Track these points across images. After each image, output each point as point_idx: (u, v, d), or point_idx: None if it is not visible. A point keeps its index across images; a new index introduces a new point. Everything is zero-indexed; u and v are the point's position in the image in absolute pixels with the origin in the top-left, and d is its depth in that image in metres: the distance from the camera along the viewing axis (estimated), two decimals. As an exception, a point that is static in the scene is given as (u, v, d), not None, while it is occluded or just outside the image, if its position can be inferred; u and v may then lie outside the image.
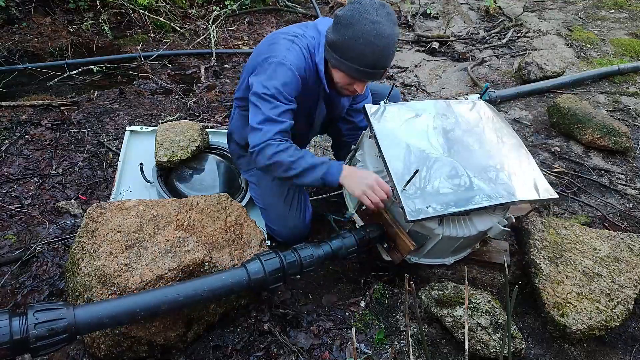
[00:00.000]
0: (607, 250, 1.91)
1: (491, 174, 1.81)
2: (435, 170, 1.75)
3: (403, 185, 1.64)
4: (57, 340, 1.22)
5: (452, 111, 2.02)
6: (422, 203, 1.62)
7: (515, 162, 1.90)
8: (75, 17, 4.28)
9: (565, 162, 2.92)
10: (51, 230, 2.16)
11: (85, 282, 1.51)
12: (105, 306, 1.32)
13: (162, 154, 2.21)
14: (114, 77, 3.59)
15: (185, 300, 1.41)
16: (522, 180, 1.83)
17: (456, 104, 2.08)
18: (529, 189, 1.80)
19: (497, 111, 2.15)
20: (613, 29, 4.87)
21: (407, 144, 1.79)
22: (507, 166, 1.86)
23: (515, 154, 1.95)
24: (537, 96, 3.64)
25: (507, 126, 2.08)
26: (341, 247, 1.74)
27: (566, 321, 1.68)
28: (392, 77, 3.95)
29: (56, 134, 2.80)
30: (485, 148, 1.91)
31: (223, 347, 1.70)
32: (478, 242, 2.05)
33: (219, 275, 1.51)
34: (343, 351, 1.72)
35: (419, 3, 5.41)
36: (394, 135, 1.81)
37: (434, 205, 1.63)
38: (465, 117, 2.02)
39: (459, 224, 1.76)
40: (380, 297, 1.94)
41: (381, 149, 1.75)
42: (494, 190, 1.74)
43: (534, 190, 1.80)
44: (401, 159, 1.74)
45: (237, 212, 1.87)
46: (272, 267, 1.57)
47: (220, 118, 3.17)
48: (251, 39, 4.52)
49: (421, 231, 1.76)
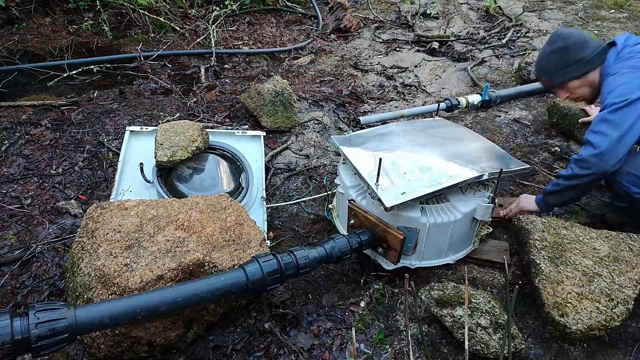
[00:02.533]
0: (607, 250, 1.91)
1: (458, 159, 2.01)
2: (405, 165, 1.95)
3: (375, 181, 1.82)
4: (58, 340, 1.23)
5: (413, 124, 2.43)
6: (397, 192, 1.79)
7: (480, 149, 2.15)
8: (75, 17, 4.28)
9: (565, 162, 2.92)
10: (51, 230, 2.16)
11: (85, 282, 1.52)
12: (106, 306, 1.32)
13: (162, 154, 2.21)
14: (114, 77, 3.60)
15: (184, 301, 1.42)
16: (488, 160, 2.03)
17: (417, 120, 2.49)
18: (497, 164, 1.98)
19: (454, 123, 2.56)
20: (613, 29, 4.87)
21: (375, 154, 2.02)
22: (472, 153, 2.10)
23: (479, 144, 2.21)
24: (537, 96, 3.64)
25: (468, 130, 2.41)
26: (334, 248, 1.80)
27: (566, 321, 1.68)
28: (392, 77, 3.95)
29: (56, 134, 2.80)
30: (450, 144, 2.17)
31: (223, 347, 1.70)
32: (475, 234, 2.07)
33: (218, 276, 1.52)
34: (343, 351, 1.72)
35: (419, 3, 5.41)
36: (362, 152, 2.08)
37: (407, 191, 1.79)
38: (427, 125, 2.40)
39: (442, 210, 1.87)
40: (380, 297, 1.94)
41: (352, 163, 1.98)
42: (462, 169, 1.93)
43: (502, 165, 1.95)
44: (372, 165, 1.93)
45: (237, 212, 1.87)
46: (270, 268, 1.59)
47: (220, 118, 3.17)
48: (251, 39, 4.52)
49: (408, 225, 1.83)
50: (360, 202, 1.94)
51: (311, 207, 2.50)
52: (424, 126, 2.41)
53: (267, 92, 3.06)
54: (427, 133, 2.31)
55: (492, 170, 1.92)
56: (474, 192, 1.97)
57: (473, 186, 2.00)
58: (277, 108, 3.07)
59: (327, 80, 3.85)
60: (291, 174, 2.74)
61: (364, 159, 2.01)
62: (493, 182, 1.99)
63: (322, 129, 3.19)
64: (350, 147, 2.11)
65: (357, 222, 1.96)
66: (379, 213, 1.87)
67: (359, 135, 2.28)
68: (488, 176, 1.92)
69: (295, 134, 3.11)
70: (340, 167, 2.15)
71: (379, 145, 2.15)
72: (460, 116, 3.39)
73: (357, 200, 1.95)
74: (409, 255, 1.94)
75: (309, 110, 3.40)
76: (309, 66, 4.11)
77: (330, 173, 2.76)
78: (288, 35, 4.73)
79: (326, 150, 2.97)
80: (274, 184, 2.65)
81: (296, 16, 5.19)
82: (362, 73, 4.01)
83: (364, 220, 1.91)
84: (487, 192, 1.98)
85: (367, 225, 1.91)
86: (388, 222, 1.84)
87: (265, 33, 4.70)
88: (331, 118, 3.32)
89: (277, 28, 4.87)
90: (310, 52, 4.38)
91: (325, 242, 1.82)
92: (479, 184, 2.01)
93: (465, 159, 2.01)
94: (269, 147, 2.93)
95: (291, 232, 2.34)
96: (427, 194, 1.79)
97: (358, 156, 2.04)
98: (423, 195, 1.78)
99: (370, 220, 1.88)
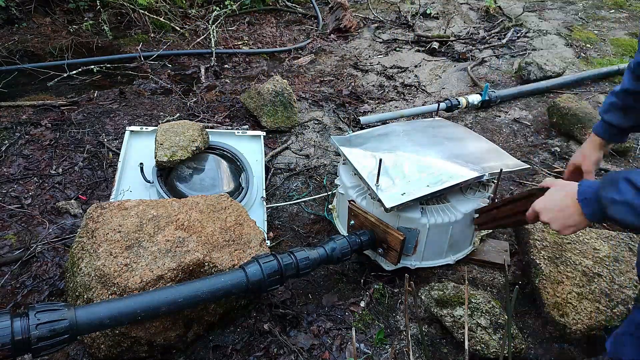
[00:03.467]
0: (607, 250, 1.91)
1: (458, 159, 2.00)
2: (405, 166, 1.95)
3: (375, 182, 1.82)
4: (59, 340, 1.23)
5: (413, 124, 2.39)
6: (397, 192, 1.79)
7: (480, 150, 2.14)
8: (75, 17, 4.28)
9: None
10: (51, 230, 2.16)
11: (85, 282, 1.52)
12: (106, 307, 1.32)
13: (162, 154, 2.21)
14: (114, 77, 3.60)
15: (184, 302, 1.42)
16: (488, 160, 2.02)
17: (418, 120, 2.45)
18: (497, 164, 1.96)
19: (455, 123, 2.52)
20: (613, 29, 4.87)
21: (376, 155, 2.01)
22: (473, 153, 2.09)
23: (480, 144, 2.20)
24: (537, 96, 3.64)
25: (468, 130, 2.39)
26: (335, 249, 1.79)
27: (566, 321, 1.68)
28: (392, 77, 3.95)
29: (56, 134, 2.80)
30: (451, 144, 2.16)
31: (223, 347, 1.70)
32: (474, 235, 2.07)
33: (218, 277, 1.52)
34: (343, 351, 1.72)
35: (419, 3, 5.41)
36: (362, 153, 2.07)
37: (407, 192, 1.79)
38: (428, 126, 2.38)
39: (442, 211, 1.87)
40: (380, 297, 1.94)
41: (352, 164, 1.98)
42: (462, 170, 1.92)
43: (502, 165, 1.94)
44: (372, 166, 1.92)
45: (237, 212, 1.87)
46: (270, 269, 1.59)
47: (220, 118, 3.17)
48: (251, 39, 4.52)
49: (408, 225, 1.83)
50: (360, 202, 1.94)
51: (311, 207, 2.51)
52: (425, 126, 2.41)
53: (267, 92, 3.06)
54: (428, 133, 2.31)
55: (492, 171, 1.92)
56: (474, 193, 1.97)
57: (473, 187, 2.00)
58: (277, 108, 3.07)
59: (327, 80, 3.85)
60: (291, 174, 2.74)
61: (364, 160, 2.00)
62: (493, 182, 1.99)
63: (322, 129, 3.18)
64: (351, 148, 2.12)
65: (357, 222, 1.96)
66: (379, 214, 1.87)
67: (359, 135, 2.28)
68: (488, 176, 1.91)
69: (295, 134, 3.11)
70: (341, 168, 2.15)
71: (379, 145, 2.15)
72: (460, 116, 3.39)
73: (357, 201, 1.95)
74: (409, 256, 1.94)
75: (309, 110, 3.40)
76: (309, 66, 4.11)
77: (330, 173, 2.76)
78: (288, 35, 4.73)
79: (326, 150, 2.97)
80: (274, 184, 2.65)
81: (296, 16, 5.19)
82: (362, 73, 4.01)
83: (364, 220, 1.91)
84: (487, 192, 1.98)
85: (367, 225, 1.91)
86: (388, 222, 1.84)
87: (265, 33, 4.70)
88: (331, 118, 3.32)
89: (277, 28, 4.87)
90: (310, 52, 4.38)
91: (326, 243, 1.82)
92: (479, 184, 2.01)
93: (466, 159, 2.01)
94: (269, 147, 2.93)
95: (291, 232, 2.34)
96: (427, 194, 1.79)
97: (358, 156, 2.04)
98: (423, 195, 1.78)
99: (371, 221, 1.88)
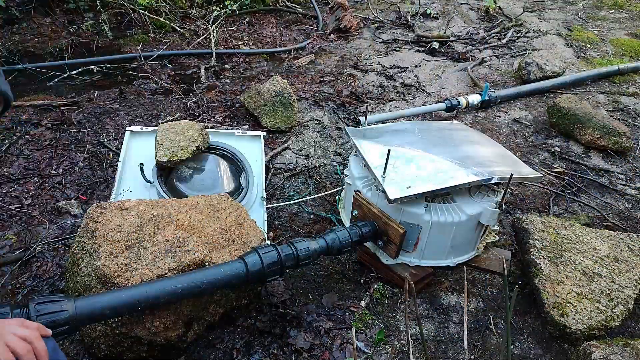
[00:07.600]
0: (607, 250, 1.91)
1: (469, 161, 1.99)
2: (414, 161, 1.95)
3: (382, 173, 1.82)
4: (59, 332, 1.23)
5: (429, 125, 2.40)
6: (402, 185, 1.79)
7: (493, 154, 2.12)
8: (75, 17, 4.28)
9: (565, 162, 2.92)
10: (51, 230, 2.16)
11: (85, 282, 1.51)
12: (106, 297, 1.33)
13: (162, 154, 2.21)
14: (114, 77, 3.59)
15: (184, 292, 1.42)
16: (499, 165, 2.01)
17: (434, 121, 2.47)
18: (508, 170, 1.94)
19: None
20: (613, 29, 4.87)
21: (387, 149, 1.99)
22: (485, 156, 2.08)
23: (493, 149, 2.19)
24: (537, 96, 3.64)
25: (484, 136, 2.39)
26: (335, 240, 1.79)
27: (566, 321, 1.68)
28: (392, 77, 3.95)
29: (56, 134, 2.80)
30: (464, 146, 2.15)
31: (223, 347, 1.70)
32: (479, 239, 2.05)
33: (218, 268, 1.53)
34: (343, 351, 1.72)
35: (419, 3, 5.41)
36: (374, 145, 2.08)
37: (413, 186, 1.78)
38: (443, 127, 2.38)
39: (446, 210, 1.85)
40: (380, 297, 1.94)
41: (362, 154, 1.98)
42: (472, 171, 1.90)
43: (513, 171, 1.91)
44: (382, 158, 1.90)
45: (237, 212, 1.87)
46: (270, 260, 1.60)
47: (220, 118, 3.17)
48: (251, 39, 4.52)
49: (411, 220, 1.82)
50: (365, 193, 1.95)
51: (311, 207, 2.50)
52: (440, 127, 2.41)
53: (267, 92, 3.06)
54: (442, 134, 2.30)
55: (502, 175, 1.88)
56: (482, 196, 1.95)
57: (482, 190, 1.97)
58: (277, 108, 3.07)
59: (327, 80, 3.85)
60: (291, 174, 2.74)
61: (374, 152, 2.02)
62: (503, 188, 1.96)
63: (322, 129, 3.19)
64: (363, 140, 2.13)
65: (360, 213, 1.96)
66: (382, 205, 1.87)
67: (373, 129, 2.30)
68: (497, 180, 1.87)
69: (295, 134, 3.11)
70: (351, 159, 2.17)
71: (391, 140, 2.15)
72: (460, 116, 3.39)
73: (363, 192, 1.96)
74: (409, 253, 1.93)
75: (309, 110, 3.40)
76: (309, 66, 4.11)
77: (330, 173, 2.76)
78: (288, 36, 4.72)
79: (326, 150, 2.97)
80: (274, 184, 2.65)
81: (296, 16, 5.18)
82: (362, 73, 4.01)
83: (367, 211, 1.91)
84: (496, 197, 1.94)
85: (369, 217, 1.91)
86: (390, 215, 1.84)
87: (265, 33, 4.70)
88: (331, 118, 3.32)
89: (277, 28, 4.87)
90: (310, 52, 4.38)
91: (326, 233, 1.82)
92: (488, 188, 1.98)
93: (477, 161, 1.99)
94: (269, 147, 2.93)
95: (291, 232, 2.33)
96: (432, 190, 1.78)
97: (369, 148, 2.05)
98: (428, 191, 1.77)
99: (374, 212, 1.88)
